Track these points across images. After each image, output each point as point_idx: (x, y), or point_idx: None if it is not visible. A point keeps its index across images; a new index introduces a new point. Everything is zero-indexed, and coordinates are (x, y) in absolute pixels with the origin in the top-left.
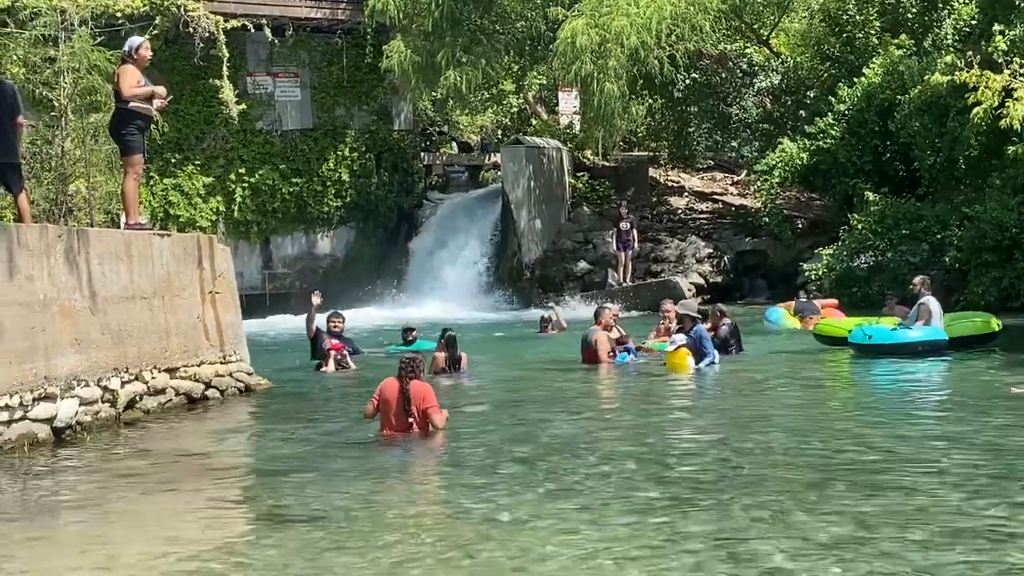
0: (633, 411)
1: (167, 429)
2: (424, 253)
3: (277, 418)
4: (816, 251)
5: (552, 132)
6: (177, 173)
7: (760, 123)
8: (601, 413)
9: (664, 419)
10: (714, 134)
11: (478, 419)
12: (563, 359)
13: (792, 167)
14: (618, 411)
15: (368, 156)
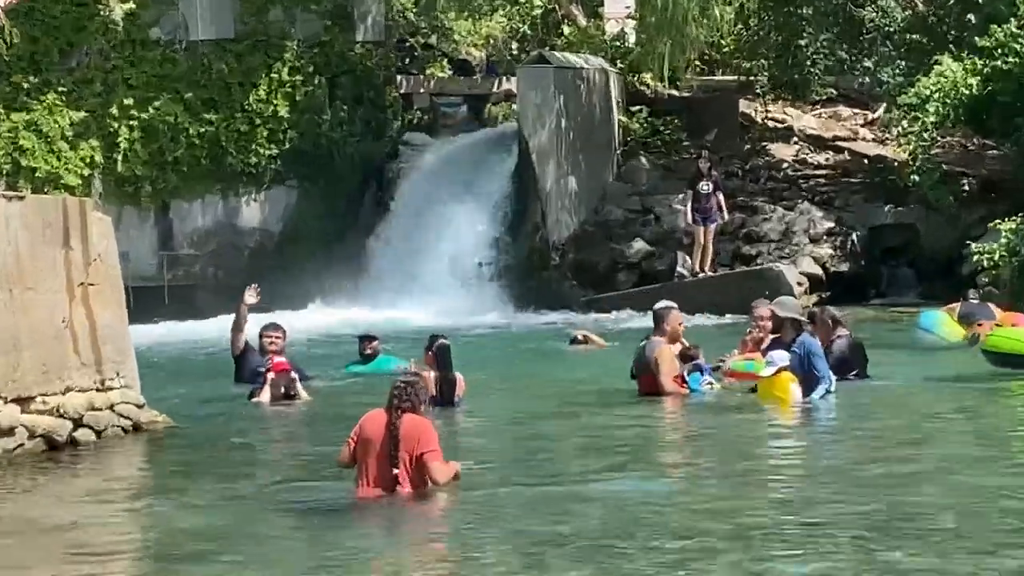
0: (719, 469)
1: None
2: (401, 226)
3: (181, 472)
4: (991, 225)
5: (594, 46)
6: (32, 105)
7: (907, 32)
8: (670, 473)
9: (769, 488)
10: (838, 49)
11: (483, 479)
12: (607, 386)
13: (955, 99)
14: (695, 470)
15: (317, 81)
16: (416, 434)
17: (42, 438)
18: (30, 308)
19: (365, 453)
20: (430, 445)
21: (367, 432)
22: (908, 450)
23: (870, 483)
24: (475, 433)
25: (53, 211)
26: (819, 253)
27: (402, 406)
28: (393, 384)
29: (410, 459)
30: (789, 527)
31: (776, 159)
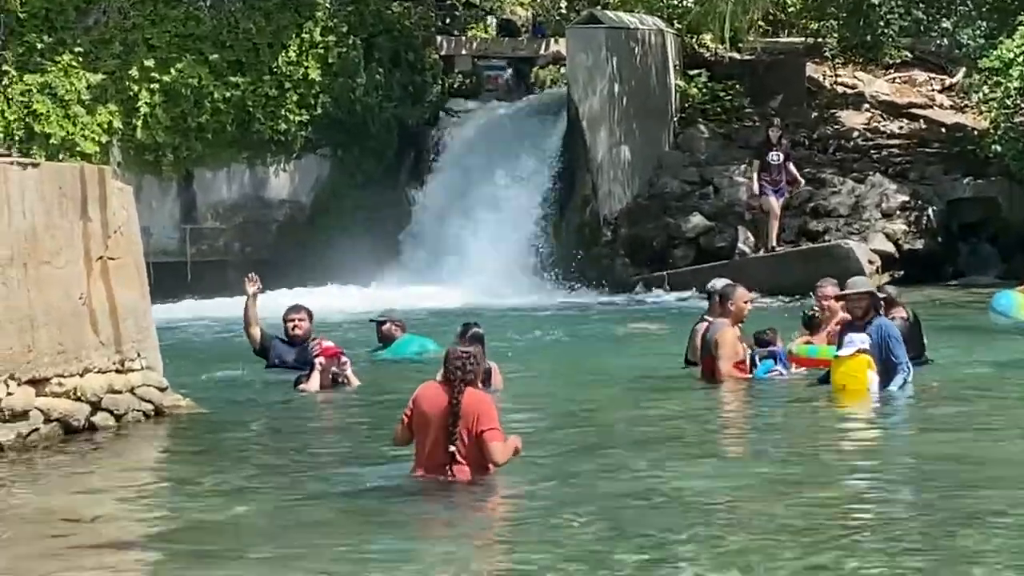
0: (782, 460)
1: (30, 476)
2: (441, 199)
3: (206, 460)
4: None
5: (650, 5)
6: (47, 67)
7: None
8: (728, 463)
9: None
10: (914, 8)
11: (529, 472)
12: (663, 371)
13: None
14: (754, 461)
15: (352, 42)
16: (476, 410)
17: (58, 422)
18: (46, 284)
19: (421, 430)
20: (490, 423)
21: (423, 407)
22: (982, 442)
23: (943, 476)
24: (522, 419)
25: (70, 180)
26: (892, 229)
27: (466, 378)
28: (451, 356)
29: (468, 436)
30: (857, 522)
31: (846, 127)
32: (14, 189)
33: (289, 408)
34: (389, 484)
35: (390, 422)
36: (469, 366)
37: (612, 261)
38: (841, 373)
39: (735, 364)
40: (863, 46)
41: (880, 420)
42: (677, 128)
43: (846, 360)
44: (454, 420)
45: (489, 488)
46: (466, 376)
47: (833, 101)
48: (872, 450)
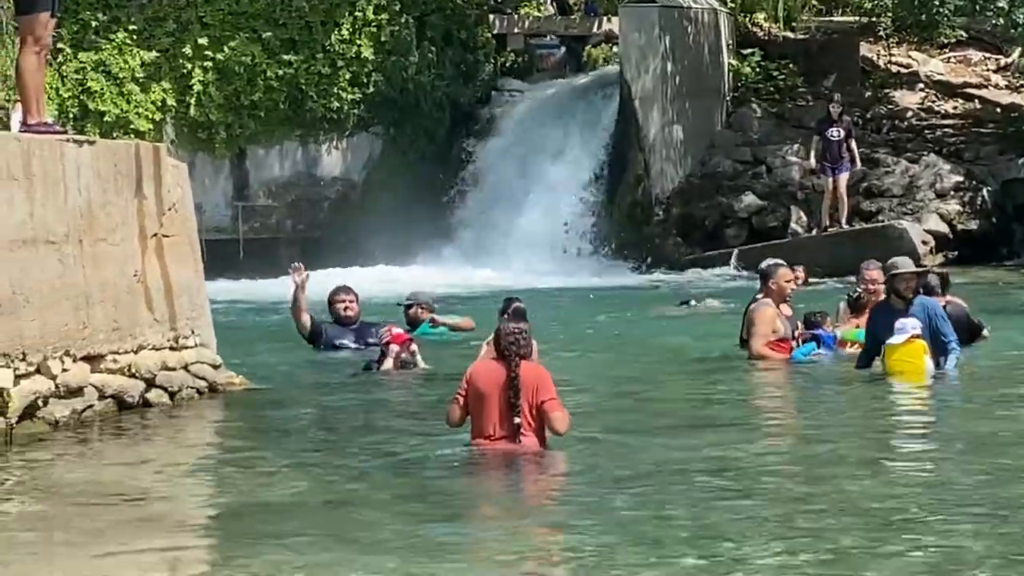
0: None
1: (84, 452)
2: (492, 178)
3: (260, 438)
4: None
5: None
6: (101, 45)
7: None
8: (779, 444)
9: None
10: None
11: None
12: (716, 351)
13: None
14: (806, 441)
15: (404, 20)
16: (535, 382)
17: (112, 399)
18: (101, 260)
19: (480, 406)
20: (550, 393)
21: (480, 384)
22: None
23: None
24: (576, 396)
25: (125, 157)
26: (946, 210)
27: (520, 352)
28: (504, 332)
29: (529, 408)
30: (912, 507)
31: (900, 107)
32: (70, 166)
33: (344, 387)
34: (445, 460)
35: (432, 400)
36: (522, 340)
37: (664, 240)
38: (896, 360)
39: (774, 343)
40: (918, 25)
41: (938, 400)
42: (730, 107)
43: (900, 346)
44: (515, 393)
45: (545, 464)
46: (520, 350)
47: (887, 81)
48: (929, 430)
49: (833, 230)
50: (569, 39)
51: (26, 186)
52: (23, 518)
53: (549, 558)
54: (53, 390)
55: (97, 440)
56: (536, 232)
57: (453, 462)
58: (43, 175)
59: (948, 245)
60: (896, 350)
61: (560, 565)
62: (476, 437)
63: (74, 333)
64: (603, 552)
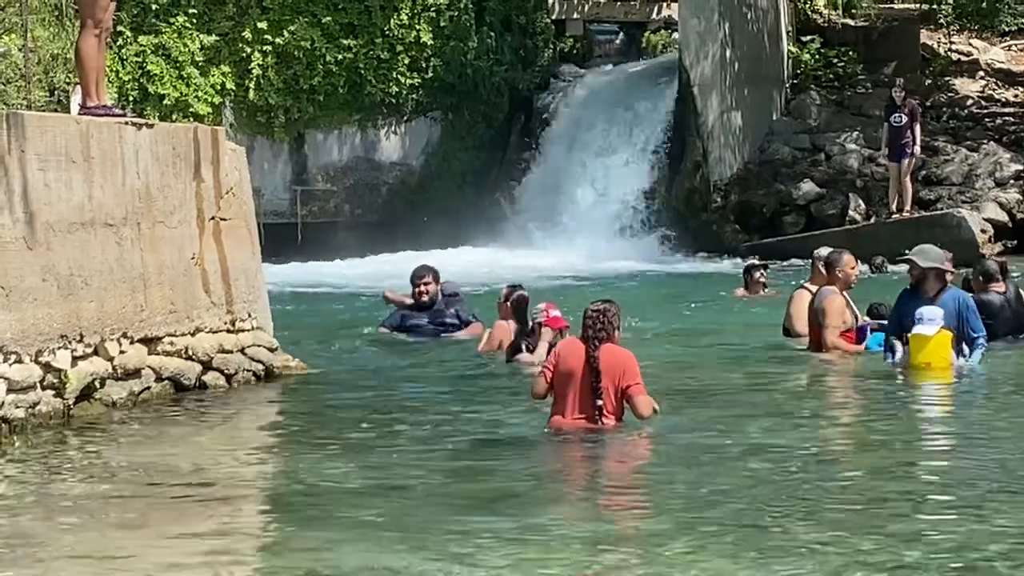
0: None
1: (142, 433)
2: (551, 163)
3: (318, 422)
4: None
5: None
6: (161, 28)
7: None
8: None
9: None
10: None
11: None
12: (768, 339)
13: None
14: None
15: (464, 6)
16: (621, 365)
17: (169, 381)
18: (159, 243)
19: (564, 384)
20: (635, 378)
21: (566, 362)
22: None
23: None
24: None
25: (184, 140)
26: (1005, 198)
27: (598, 335)
28: (586, 314)
29: (614, 390)
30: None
31: (960, 95)
32: (128, 149)
33: (401, 370)
34: (508, 443)
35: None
36: (601, 323)
37: (721, 227)
38: (927, 351)
39: (842, 333)
40: (979, 13)
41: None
42: (789, 94)
43: (932, 337)
44: (596, 376)
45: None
46: (598, 333)
47: (947, 68)
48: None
49: (896, 217)
50: (628, 25)
51: (84, 169)
52: (80, 498)
53: (601, 545)
54: (110, 372)
55: (154, 422)
56: (593, 218)
57: (516, 445)
58: (102, 158)
59: (1007, 234)
60: (927, 340)
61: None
62: (555, 414)
63: (131, 315)
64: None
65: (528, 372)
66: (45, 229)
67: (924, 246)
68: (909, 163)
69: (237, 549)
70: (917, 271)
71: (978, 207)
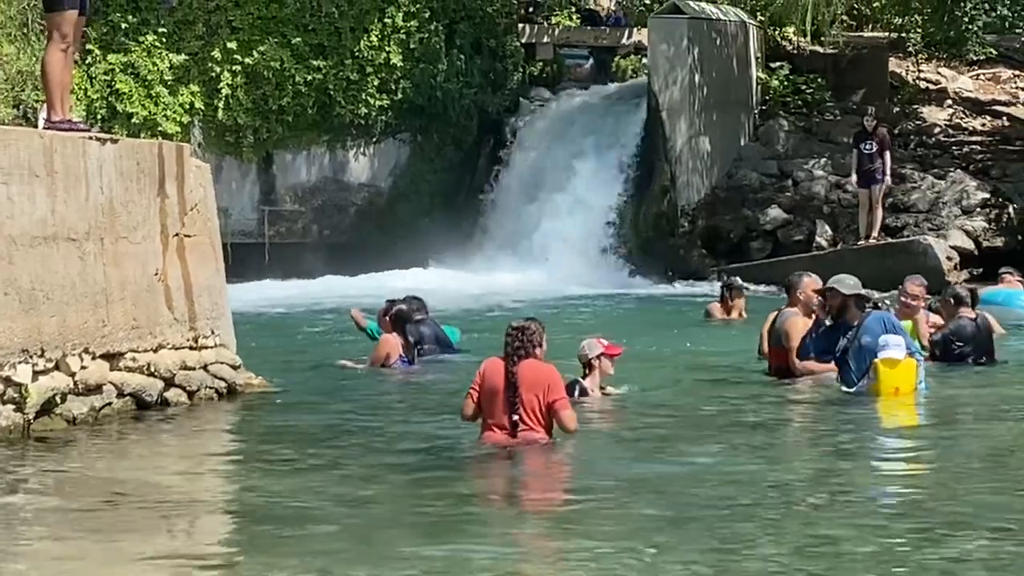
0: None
1: (102, 449)
2: (519, 186)
3: (278, 439)
4: None
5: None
6: (130, 47)
7: None
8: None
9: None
10: (999, 5)
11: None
12: (734, 362)
13: None
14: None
15: (433, 27)
16: (545, 380)
17: (131, 397)
18: (122, 259)
19: (490, 402)
20: (560, 392)
21: (490, 380)
22: None
23: None
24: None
25: (148, 156)
26: (972, 226)
27: (517, 352)
28: (506, 331)
29: (538, 405)
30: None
31: (928, 123)
32: (92, 164)
33: (362, 390)
34: (454, 460)
35: (448, 405)
36: (520, 340)
37: (689, 251)
38: (896, 376)
39: None
40: (947, 42)
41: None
42: (757, 120)
43: (900, 362)
44: (513, 391)
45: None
46: (517, 351)
47: (916, 97)
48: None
49: (862, 243)
50: (598, 50)
51: (48, 183)
52: (37, 514)
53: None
54: (71, 387)
55: (114, 438)
56: (560, 241)
57: (459, 461)
58: (65, 172)
59: (973, 262)
60: (894, 365)
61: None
62: (484, 431)
63: (93, 330)
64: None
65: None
66: (7, 243)
67: (840, 275)
68: (880, 190)
69: (194, 566)
70: (839, 299)
71: (944, 235)
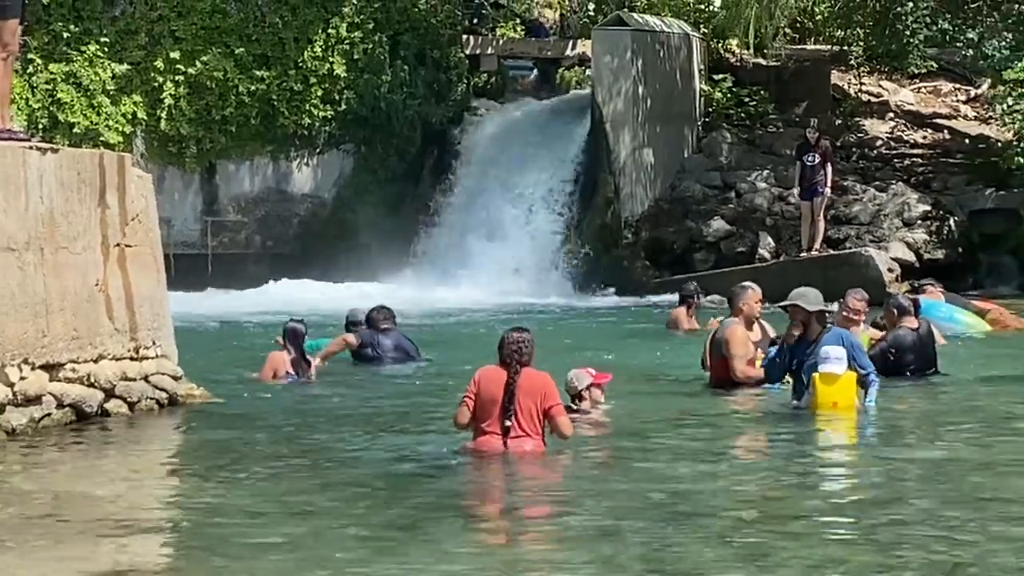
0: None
1: (41, 461)
2: (463, 197)
3: (219, 450)
4: None
5: (676, 9)
6: (72, 56)
7: (1016, 2)
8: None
9: None
10: (940, 19)
11: None
12: (677, 373)
13: None
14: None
15: (378, 39)
16: (541, 388)
17: (71, 408)
18: (62, 269)
19: (485, 409)
20: (555, 399)
21: (488, 389)
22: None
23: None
24: None
25: (89, 166)
26: (913, 238)
27: (521, 360)
28: (507, 340)
29: (536, 412)
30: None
31: (869, 136)
32: (32, 174)
33: (304, 401)
34: (400, 471)
35: (396, 415)
36: (524, 348)
37: (632, 263)
38: (836, 390)
39: (748, 362)
40: (889, 55)
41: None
42: (700, 132)
43: (840, 376)
44: (510, 398)
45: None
46: (522, 358)
47: (857, 109)
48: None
49: (804, 255)
50: (542, 61)
51: None
52: None
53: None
54: (10, 398)
55: (54, 449)
56: (504, 253)
57: (404, 472)
58: (4, 182)
59: (914, 273)
60: (835, 379)
61: None
62: (477, 436)
63: (33, 341)
64: None
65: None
66: None
67: (803, 289)
68: (821, 202)
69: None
70: (802, 315)
71: (886, 246)
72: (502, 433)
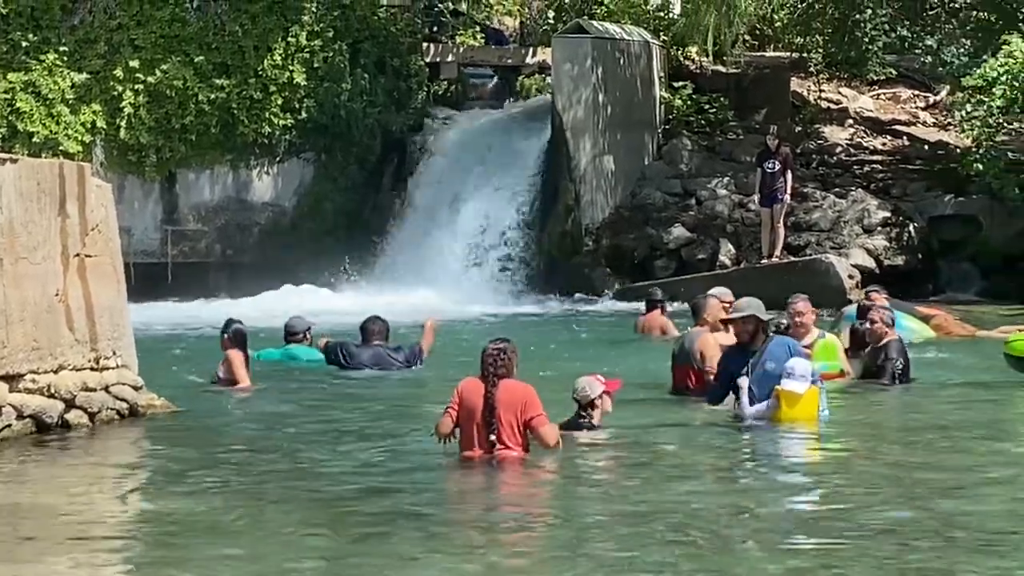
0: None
1: (3, 472)
2: (423, 205)
3: (180, 460)
4: None
5: (636, 16)
6: (31, 65)
7: (974, 9)
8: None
9: None
10: (899, 26)
11: None
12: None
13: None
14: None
15: (338, 47)
16: (521, 399)
17: (31, 419)
18: (22, 279)
19: (467, 421)
20: (537, 410)
21: (468, 400)
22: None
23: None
24: None
25: (48, 176)
26: (873, 245)
27: (497, 372)
28: (484, 352)
29: (516, 424)
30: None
31: (829, 142)
32: None
33: (265, 410)
34: (364, 481)
35: (362, 425)
36: (500, 361)
37: (593, 270)
38: (798, 409)
39: None
40: (848, 62)
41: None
42: (661, 140)
43: (803, 395)
44: (490, 410)
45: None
46: (498, 370)
47: (817, 116)
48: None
49: (765, 262)
50: (503, 69)
51: None
52: None
53: None
54: None
55: (13, 461)
56: (465, 260)
57: (366, 483)
58: None
59: (874, 280)
60: (797, 399)
61: None
62: (463, 450)
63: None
64: None
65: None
66: None
67: (750, 299)
68: (781, 209)
69: None
70: (752, 324)
71: (846, 253)
72: (488, 448)
